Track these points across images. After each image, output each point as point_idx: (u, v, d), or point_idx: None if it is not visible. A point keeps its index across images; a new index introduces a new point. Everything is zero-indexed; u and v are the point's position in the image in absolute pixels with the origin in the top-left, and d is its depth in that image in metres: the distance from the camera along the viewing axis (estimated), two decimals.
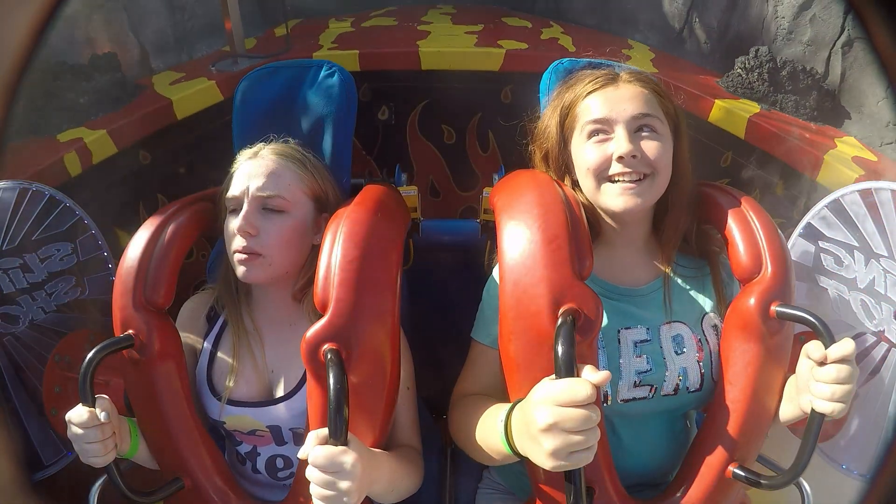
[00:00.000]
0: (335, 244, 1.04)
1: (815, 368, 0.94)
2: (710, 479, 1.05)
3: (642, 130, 1.08)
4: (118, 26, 2.29)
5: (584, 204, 1.13)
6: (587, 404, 0.80)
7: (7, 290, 1.36)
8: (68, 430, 1.00)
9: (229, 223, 1.16)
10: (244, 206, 1.14)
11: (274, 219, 1.14)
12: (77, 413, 0.99)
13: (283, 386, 1.18)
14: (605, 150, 1.08)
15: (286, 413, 1.17)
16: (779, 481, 1.01)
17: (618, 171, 1.06)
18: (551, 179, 1.13)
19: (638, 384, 1.09)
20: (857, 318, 1.26)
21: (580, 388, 0.81)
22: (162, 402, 1.12)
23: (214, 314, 1.27)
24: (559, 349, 0.86)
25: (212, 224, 1.26)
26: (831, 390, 0.92)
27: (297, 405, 1.16)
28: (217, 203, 1.24)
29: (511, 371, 1.00)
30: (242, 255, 1.13)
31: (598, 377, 0.82)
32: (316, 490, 0.89)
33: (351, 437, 0.92)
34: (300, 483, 1.07)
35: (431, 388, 1.37)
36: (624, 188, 1.06)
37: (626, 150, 1.05)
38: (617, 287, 1.15)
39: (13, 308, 1.37)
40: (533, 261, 0.98)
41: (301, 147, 1.26)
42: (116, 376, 1.32)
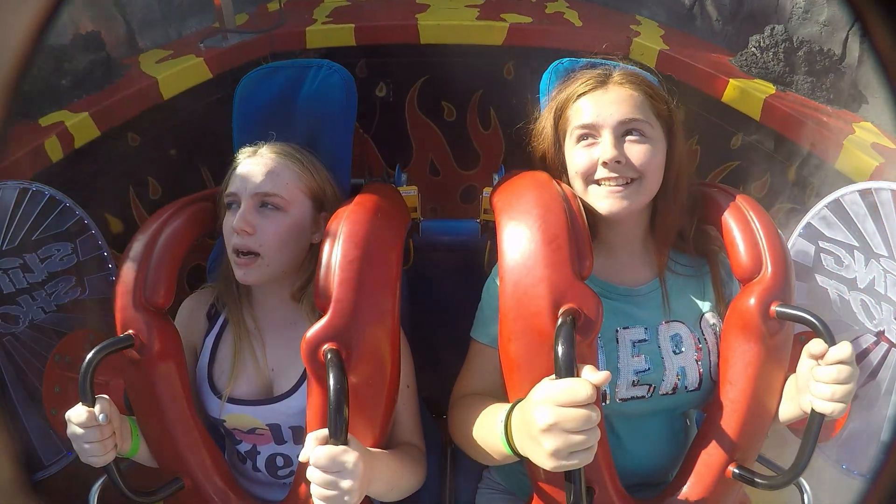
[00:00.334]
0: (335, 244, 1.04)
1: (815, 368, 0.95)
2: (710, 478, 1.05)
3: (630, 134, 1.09)
4: (103, 3, 2.15)
5: (581, 203, 1.13)
6: (587, 404, 0.81)
7: (7, 290, 1.36)
8: (68, 429, 1.00)
9: (227, 220, 1.17)
10: (242, 204, 1.14)
11: (271, 217, 1.15)
12: (76, 413, 0.99)
13: (283, 384, 1.19)
14: (591, 155, 1.09)
15: (286, 411, 1.17)
16: (779, 481, 1.01)
17: (603, 176, 1.08)
18: (551, 179, 1.13)
19: (636, 383, 1.09)
20: (857, 318, 1.26)
21: (580, 388, 0.81)
22: (162, 402, 1.12)
23: (215, 312, 1.27)
24: (559, 349, 0.86)
25: (212, 224, 1.27)
26: (831, 390, 0.92)
27: (296, 403, 1.16)
28: (217, 202, 1.24)
29: (511, 371, 1.00)
30: (240, 256, 1.13)
31: (599, 377, 0.83)
32: (317, 490, 0.89)
33: (351, 436, 0.92)
34: (300, 482, 1.07)
35: (431, 388, 1.37)
36: (609, 192, 1.08)
37: (611, 155, 1.06)
38: (615, 287, 1.15)
39: (13, 308, 1.37)
40: (533, 261, 0.98)
41: (301, 146, 1.26)
42: (116, 376, 1.32)
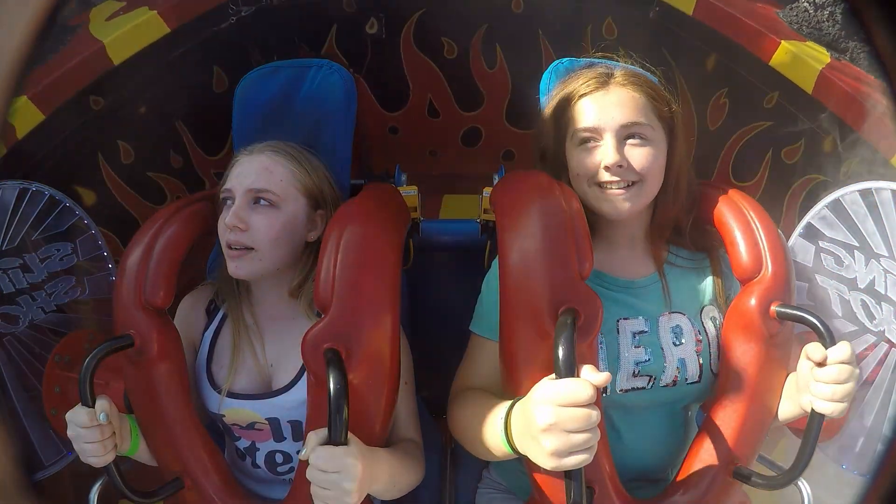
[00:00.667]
0: (335, 244, 1.04)
1: (815, 368, 0.95)
2: (711, 478, 1.05)
3: (632, 138, 1.10)
4: None
5: (582, 202, 1.14)
6: (587, 404, 0.81)
7: (7, 290, 1.36)
8: (68, 430, 1.00)
9: (222, 217, 1.17)
10: (235, 201, 1.15)
11: (264, 213, 1.15)
12: (76, 414, 0.99)
13: (282, 378, 1.19)
14: (593, 158, 1.10)
15: (285, 405, 1.17)
16: (779, 481, 1.01)
17: (605, 179, 1.09)
18: (551, 179, 1.13)
19: (636, 374, 1.10)
20: (858, 318, 1.26)
21: (580, 388, 0.81)
22: (162, 402, 1.12)
23: (214, 308, 1.27)
24: (559, 350, 0.86)
25: (211, 224, 1.27)
26: (831, 390, 0.92)
27: (295, 397, 1.16)
28: (216, 202, 1.24)
29: (511, 370, 1.00)
30: (233, 249, 1.14)
31: (599, 378, 0.83)
32: (317, 490, 0.89)
33: (351, 436, 0.92)
34: (300, 482, 1.07)
35: (431, 387, 1.37)
36: (612, 195, 1.09)
37: (613, 160, 1.07)
38: (616, 279, 1.15)
39: (13, 308, 1.37)
40: (533, 261, 0.98)
41: (299, 145, 1.26)
42: (116, 376, 1.32)
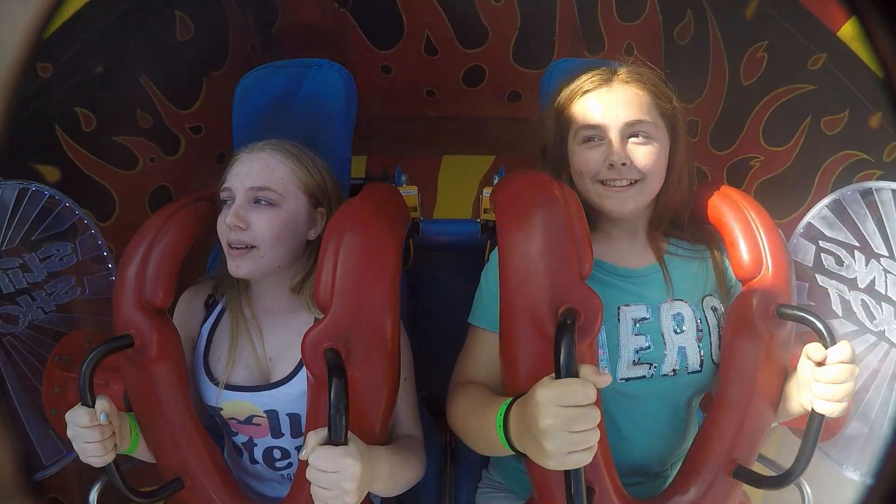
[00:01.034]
0: (335, 245, 1.04)
1: (815, 368, 0.95)
2: (711, 478, 1.05)
3: (635, 136, 1.10)
4: None
5: (582, 200, 1.14)
6: (587, 405, 0.81)
7: (7, 290, 1.36)
8: (68, 429, 1.00)
9: (221, 215, 1.17)
10: (236, 200, 1.14)
11: (265, 212, 1.14)
12: (76, 413, 0.99)
13: (281, 370, 1.18)
14: (597, 156, 1.10)
15: (283, 397, 1.17)
16: (779, 481, 1.01)
17: (608, 177, 1.10)
18: (551, 179, 1.13)
19: (637, 363, 1.10)
20: (858, 318, 1.26)
21: (581, 388, 0.81)
22: (161, 402, 1.12)
23: (213, 302, 1.27)
24: (559, 350, 0.86)
25: (212, 223, 1.26)
26: (832, 390, 0.92)
27: (294, 389, 1.16)
28: (216, 201, 1.24)
29: (511, 370, 1.00)
30: (234, 248, 1.13)
31: (599, 378, 0.83)
32: (317, 491, 0.89)
33: (351, 436, 0.92)
34: (300, 482, 1.07)
35: (431, 388, 1.37)
36: (614, 193, 1.10)
37: (617, 158, 1.08)
38: (616, 267, 1.16)
39: (13, 308, 1.37)
40: (533, 261, 0.98)
41: (299, 144, 1.26)
42: (116, 376, 1.32)
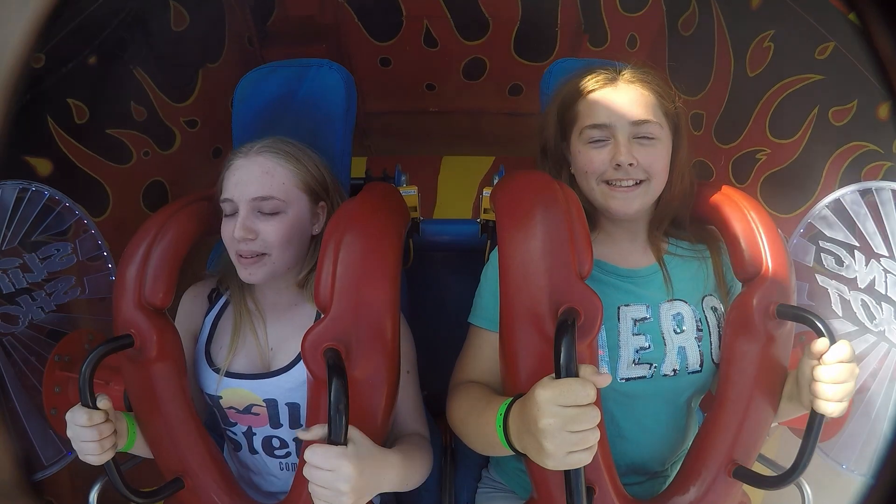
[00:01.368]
0: (335, 245, 1.04)
1: (815, 368, 0.95)
2: (711, 478, 1.05)
3: (641, 136, 1.10)
4: None
5: (583, 199, 1.14)
6: (588, 404, 0.81)
7: (7, 290, 1.36)
8: (67, 429, 1.00)
9: (226, 226, 1.16)
10: (240, 211, 1.14)
11: (271, 220, 1.14)
12: (75, 413, 0.99)
13: (281, 359, 1.19)
14: (603, 155, 1.10)
15: (283, 385, 1.17)
16: (779, 481, 1.01)
17: (614, 177, 1.09)
18: (551, 179, 1.13)
19: (637, 362, 1.10)
20: (858, 318, 1.26)
21: (581, 388, 0.81)
22: (162, 402, 1.12)
23: (216, 295, 1.28)
24: (560, 349, 0.86)
25: (212, 223, 1.26)
26: (831, 390, 0.92)
27: (294, 377, 1.16)
28: (216, 201, 1.24)
29: (511, 370, 1.00)
30: (244, 258, 1.14)
31: (599, 378, 0.83)
32: (314, 488, 0.90)
33: (358, 435, 0.92)
34: (300, 482, 1.07)
35: (431, 388, 1.36)
36: (620, 193, 1.10)
37: (624, 158, 1.07)
38: (617, 268, 1.15)
39: (13, 308, 1.38)
40: (533, 261, 0.98)
41: (292, 140, 1.25)
42: (116, 376, 1.32)
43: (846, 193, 1.28)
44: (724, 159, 1.88)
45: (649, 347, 1.10)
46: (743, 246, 1.09)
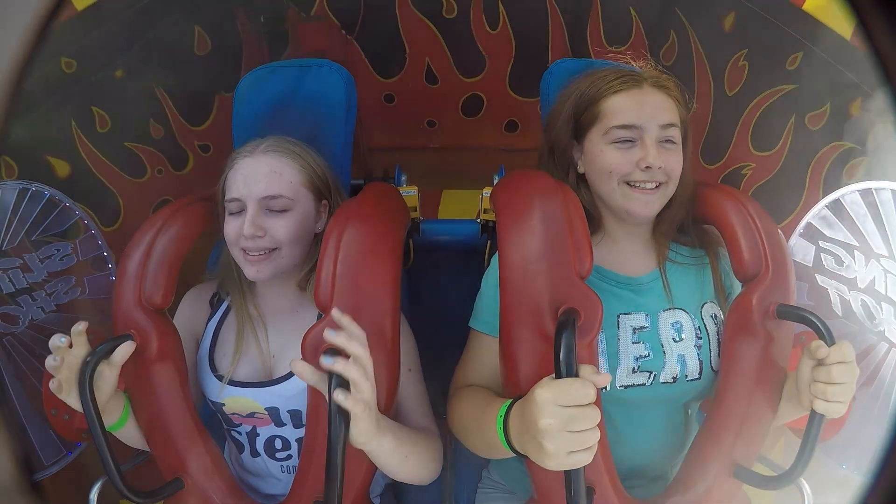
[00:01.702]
0: (335, 244, 1.04)
1: (815, 368, 0.95)
2: (711, 478, 1.05)
3: (666, 140, 1.10)
4: None
5: (586, 200, 1.14)
6: (587, 404, 0.81)
7: (7, 290, 1.36)
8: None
9: (230, 225, 1.16)
10: (248, 210, 1.14)
11: (280, 218, 1.15)
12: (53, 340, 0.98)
13: (283, 367, 1.19)
14: (630, 156, 1.09)
15: (285, 393, 1.17)
16: (779, 481, 1.01)
17: (639, 179, 1.09)
18: (551, 179, 1.13)
19: (636, 370, 1.10)
20: (858, 318, 1.26)
21: (581, 388, 0.81)
22: (162, 401, 1.12)
23: (218, 300, 1.28)
24: (559, 350, 0.86)
25: (212, 223, 1.26)
26: (831, 390, 0.92)
27: (296, 385, 1.16)
28: (216, 201, 1.24)
29: (511, 370, 1.00)
30: (251, 255, 1.14)
31: (598, 378, 0.83)
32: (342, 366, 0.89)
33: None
34: (300, 481, 1.07)
35: (431, 388, 1.36)
36: (642, 194, 1.10)
37: (654, 161, 1.07)
38: (617, 275, 1.15)
39: (13, 308, 1.38)
40: (533, 261, 0.98)
41: (295, 140, 1.25)
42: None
43: (846, 193, 1.28)
44: (712, 179, 1.92)
45: (648, 356, 1.10)
46: (743, 246, 1.09)
